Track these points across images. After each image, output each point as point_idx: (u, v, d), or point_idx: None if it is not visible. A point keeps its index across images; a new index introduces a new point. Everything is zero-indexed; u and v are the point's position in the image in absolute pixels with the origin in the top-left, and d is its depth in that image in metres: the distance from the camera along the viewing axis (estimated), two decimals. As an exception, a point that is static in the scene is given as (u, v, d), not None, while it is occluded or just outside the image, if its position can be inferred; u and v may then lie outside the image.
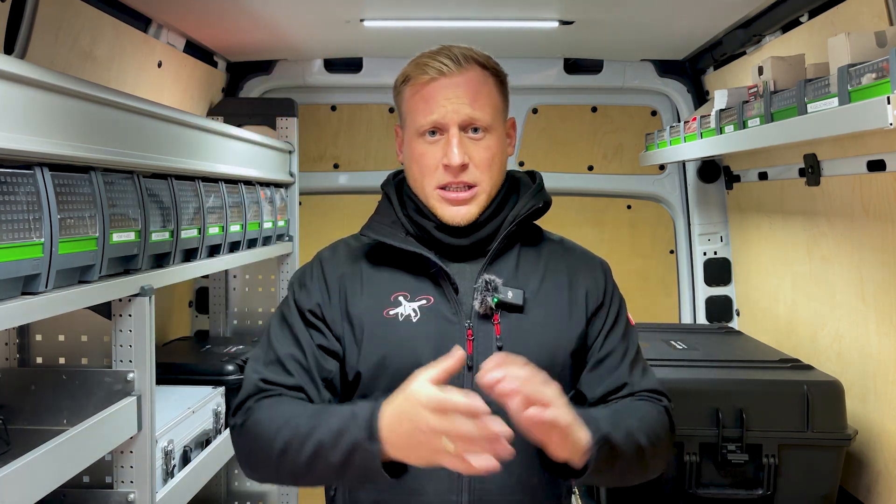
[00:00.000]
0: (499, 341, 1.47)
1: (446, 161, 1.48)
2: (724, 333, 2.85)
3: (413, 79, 1.52)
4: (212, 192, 2.43)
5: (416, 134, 1.52)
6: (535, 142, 3.78)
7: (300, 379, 1.48)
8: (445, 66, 1.49)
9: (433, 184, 1.51)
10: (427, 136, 1.51)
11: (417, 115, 1.51)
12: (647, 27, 3.01)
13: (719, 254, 3.61)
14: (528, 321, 1.50)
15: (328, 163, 3.81)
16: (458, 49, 1.52)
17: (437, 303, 1.48)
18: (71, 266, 1.63)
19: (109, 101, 1.78)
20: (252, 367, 1.52)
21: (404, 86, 1.55)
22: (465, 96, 1.49)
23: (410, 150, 1.54)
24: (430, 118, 1.49)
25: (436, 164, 1.50)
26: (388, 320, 1.48)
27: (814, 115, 1.76)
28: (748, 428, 1.99)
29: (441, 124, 1.49)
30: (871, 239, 2.22)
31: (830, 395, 2.02)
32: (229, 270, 3.45)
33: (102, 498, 1.90)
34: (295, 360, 1.49)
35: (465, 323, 1.47)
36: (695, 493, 2.00)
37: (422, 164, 1.52)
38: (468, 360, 1.44)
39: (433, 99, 1.49)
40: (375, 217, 1.58)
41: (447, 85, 1.49)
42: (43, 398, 1.88)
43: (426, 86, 1.50)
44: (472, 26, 2.93)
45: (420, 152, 1.52)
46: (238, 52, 3.51)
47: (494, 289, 1.48)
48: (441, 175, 1.50)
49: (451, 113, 1.49)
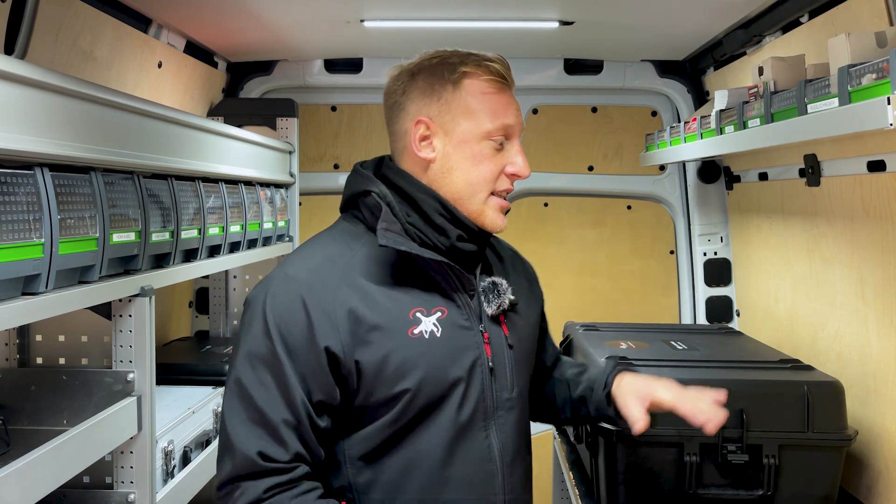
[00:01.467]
0: (508, 340, 1.51)
1: (514, 169, 1.48)
2: (724, 334, 2.85)
3: (477, 77, 1.47)
4: (212, 193, 2.43)
5: (484, 136, 1.46)
6: (535, 142, 3.78)
7: (297, 446, 1.36)
8: (510, 77, 1.50)
9: (489, 189, 1.48)
10: (495, 142, 1.47)
11: (492, 118, 1.46)
12: (647, 27, 3.01)
13: (719, 254, 3.61)
14: (519, 317, 1.57)
15: (328, 163, 3.81)
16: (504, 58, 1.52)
17: (450, 313, 1.45)
18: (71, 266, 1.63)
19: (110, 101, 1.78)
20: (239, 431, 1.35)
21: (465, 79, 1.46)
22: (519, 110, 1.52)
23: (471, 151, 1.47)
24: (506, 123, 1.47)
25: (499, 170, 1.48)
26: (414, 340, 1.40)
27: (814, 116, 1.76)
28: (748, 428, 1.99)
29: (510, 132, 1.49)
30: (871, 239, 2.22)
31: (831, 395, 2.02)
32: (229, 271, 3.45)
33: (102, 498, 1.90)
34: (289, 427, 1.35)
35: (480, 328, 1.48)
36: (695, 494, 2.00)
37: (485, 168, 1.47)
38: (489, 361, 1.47)
39: (506, 107, 1.48)
40: (383, 224, 1.42)
41: (511, 96, 1.51)
42: (43, 398, 1.88)
43: (498, 93, 1.48)
44: (473, 26, 2.93)
45: (486, 155, 1.47)
46: (238, 53, 3.51)
47: (504, 290, 1.51)
48: (502, 181, 1.49)
49: (518, 125, 1.50)
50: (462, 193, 1.47)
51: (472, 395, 1.43)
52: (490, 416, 1.46)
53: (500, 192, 1.49)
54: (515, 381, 1.51)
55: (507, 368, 1.49)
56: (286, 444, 1.34)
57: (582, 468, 2.44)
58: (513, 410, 1.49)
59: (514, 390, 1.50)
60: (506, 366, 1.49)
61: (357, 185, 1.51)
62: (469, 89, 1.46)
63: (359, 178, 1.51)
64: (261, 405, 1.35)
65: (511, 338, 1.52)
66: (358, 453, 1.41)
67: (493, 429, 1.46)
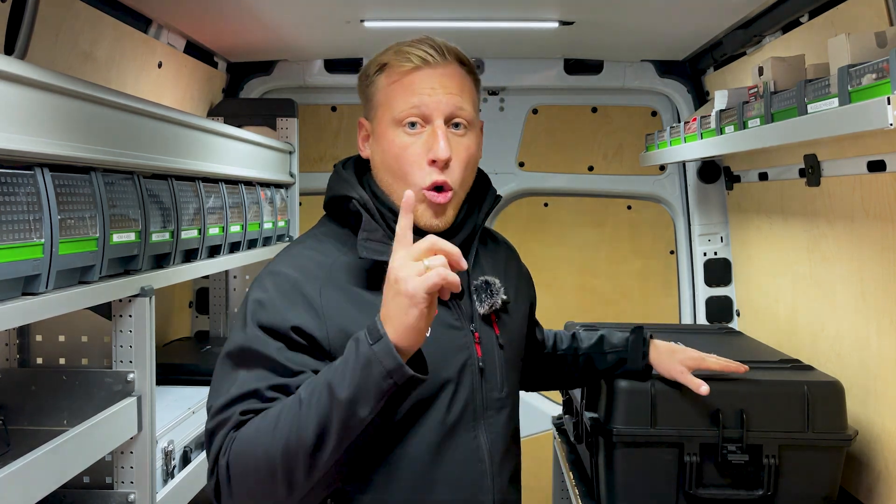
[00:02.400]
0: (499, 340, 1.49)
1: (432, 155, 1.37)
2: (724, 334, 2.85)
3: (392, 66, 1.41)
4: (212, 193, 2.43)
5: (394, 123, 1.40)
6: (535, 142, 3.79)
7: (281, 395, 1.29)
8: (430, 56, 1.40)
9: (419, 184, 1.39)
10: (407, 127, 1.39)
11: (396, 102, 1.39)
12: (647, 27, 3.01)
13: (719, 254, 3.61)
14: (510, 317, 1.55)
15: (328, 163, 3.81)
16: (440, 40, 1.44)
17: (440, 313, 1.39)
18: (71, 266, 1.63)
19: (110, 101, 1.78)
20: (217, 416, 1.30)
21: (379, 74, 1.43)
22: (451, 86, 1.40)
23: (385, 142, 1.41)
24: (412, 103, 1.38)
25: (418, 159, 1.39)
26: None
27: (814, 116, 1.76)
28: (748, 428, 1.98)
29: (425, 114, 1.39)
30: (871, 239, 2.22)
31: (831, 395, 2.02)
32: (229, 271, 3.45)
33: (102, 498, 1.90)
34: (276, 388, 1.29)
35: (471, 327, 1.46)
36: (695, 494, 2.00)
37: (402, 159, 1.39)
38: (479, 361, 1.45)
39: (417, 87, 1.39)
40: (364, 234, 1.39)
41: (432, 74, 1.40)
42: (43, 398, 1.89)
43: (408, 74, 1.40)
44: (473, 26, 2.93)
45: (400, 144, 1.39)
46: (238, 53, 3.51)
47: (497, 290, 1.49)
48: (428, 173, 1.39)
49: (438, 103, 1.38)
50: (389, 190, 1.43)
51: (461, 395, 1.41)
52: (479, 416, 1.43)
53: (427, 185, 1.39)
54: (505, 381, 1.49)
55: (497, 368, 1.47)
56: (267, 399, 1.29)
57: (582, 468, 2.44)
58: (503, 410, 1.47)
59: (503, 390, 1.48)
60: (496, 366, 1.47)
61: (337, 189, 1.47)
62: (381, 81, 1.43)
63: (339, 182, 1.48)
64: (244, 381, 1.30)
65: (502, 338, 1.50)
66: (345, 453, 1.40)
67: (483, 429, 1.43)
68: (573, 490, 2.38)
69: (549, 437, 3.16)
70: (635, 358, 1.88)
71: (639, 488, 2.03)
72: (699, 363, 1.89)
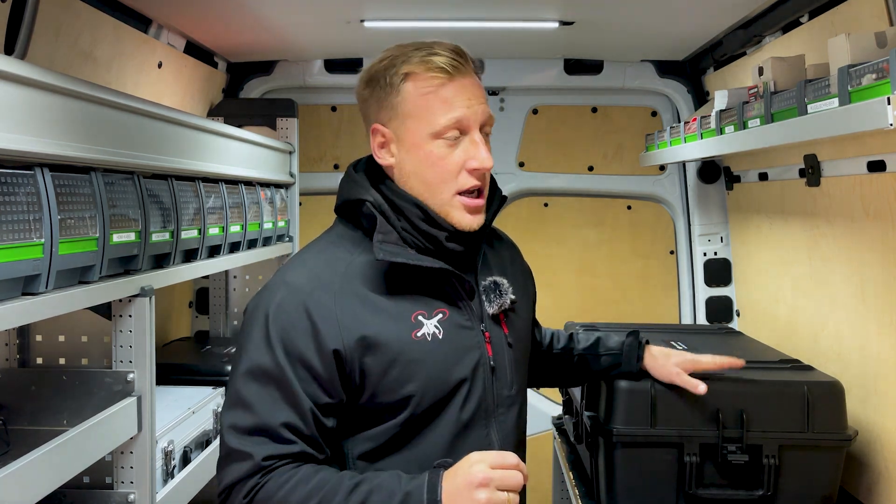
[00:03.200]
0: (508, 339, 1.53)
1: (476, 164, 1.42)
2: (724, 334, 2.85)
3: (419, 76, 1.42)
4: (212, 193, 2.43)
5: (432, 136, 1.42)
6: (535, 142, 3.78)
7: (303, 445, 1.35)
8: (459, 65, 1.42)
9: (453, 189, 1.43)
10: (448, 139, 1.42)
11: (435, 116, 1.41)
12: (647, 28, 3.01)
13: (719, 254, 3.61)
14: (517, 315, 1.58)
15: (328, 163, 3.81)
16: (455, 45, 1.45)
17: (451, 314, 1.44)
18: (71, 266, 1.63)
19: (110, 101, 1.78)
20: (239, 441, 1.34)
21: (405, 83, 1.43)
22: (481, 96, 1.45)
23: (422, 153, 1.43)
24: (454, 117, 1.41)
25: (457, 167, 1.43)
26: (417, 343, 1.40)
27: (814, 116, 1.76)
28: (748, 429, 1.98)
29: (465, 126, 1.42)
30: (871, 239, 2.22)
31: (831, 395, 2.02)
32: (229, 271, 3.46)
33: (102, 498, 1.90)
34: (293, 431, 1.34)
35: (481, 327, 1.48)
36: (695, 494, 2.00)
37: (441, 169, 1.42)
38: (490, 360, 1.48)
39: (454, 100, 1.41)
40: (379, 236, 1.41)
41: (464, 85, 1.43)
42: (43, 399, 1.88)
43: (443, 86, 1.41)
44: (473, 27, 2.93)
45: (439, 155, 1.42)
46: (238, 53, 3.51)
47: (506, 290, 1.52)
48: (465, 179, 1.43)
49: (475, 114, 1.43)
50: (424, 196, 1.45)
51: (475, 394, 1.45)
52: (491, 413, 1.47)
53: (466, 189, 1.43)
54: (515, 378, 1.53)
55: (507, 367, 1.51)
56: (291, 442, 1.34)
57: (582, 468, 2.44)
58: (513, 407, 1.52)
59: (513, 387, 1.52)
60: (506, 364, 1.51)
61: (350, 192, 1.49)
62: (411, 91, 1.43)
63: (351, 185, 1.50)
64: (263, 415, 1.34)
65: (511, 336, 1.53)
66: (360, 451, 1.42)
67: (494, 425, 1.48)
68: (573, 490, 2.38)
69: (549, 437, 3.16)
70: (630, 361, 1.91)
71: (639, 488, 2.03)
72: (694, 364, 1.91)
